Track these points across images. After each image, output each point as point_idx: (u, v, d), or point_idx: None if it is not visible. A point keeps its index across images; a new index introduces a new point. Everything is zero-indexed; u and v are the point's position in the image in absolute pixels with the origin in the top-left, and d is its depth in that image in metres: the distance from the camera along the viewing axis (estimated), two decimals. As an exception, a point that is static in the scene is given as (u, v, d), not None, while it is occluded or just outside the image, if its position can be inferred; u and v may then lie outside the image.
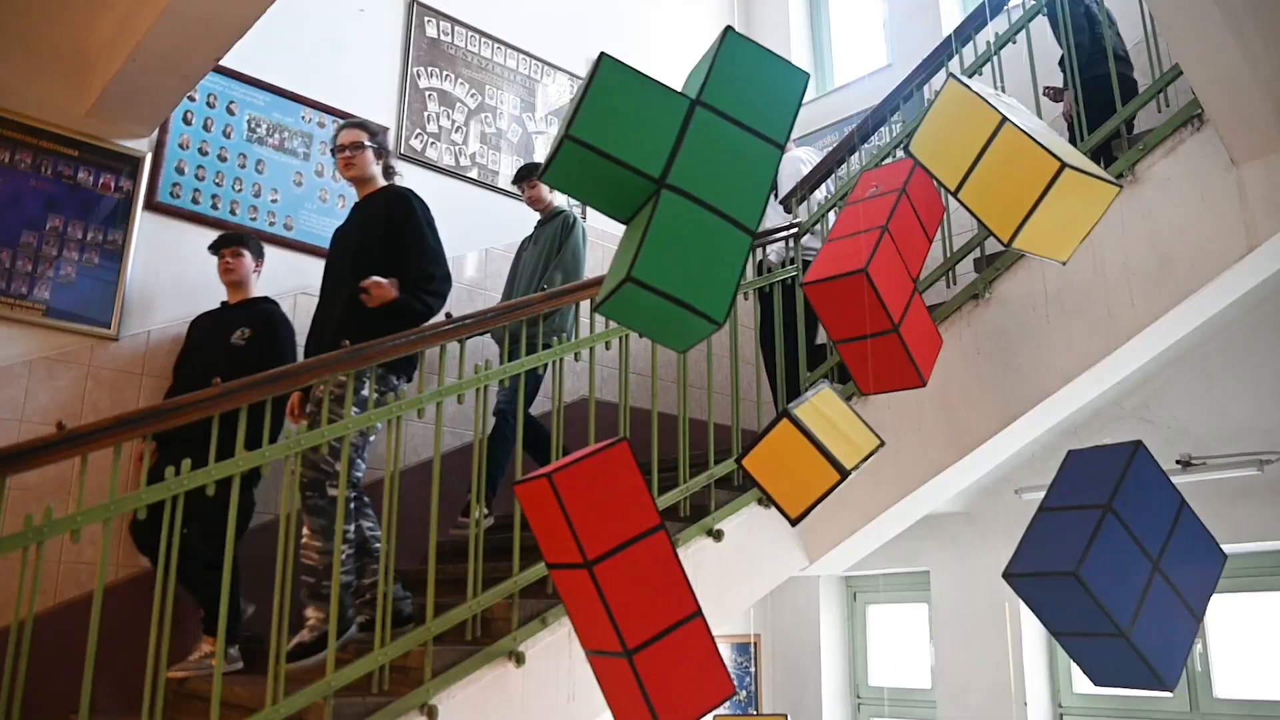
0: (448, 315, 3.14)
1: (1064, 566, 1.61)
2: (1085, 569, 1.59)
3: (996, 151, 2.12)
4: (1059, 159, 1.96)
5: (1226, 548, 4.08)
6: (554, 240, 4.36)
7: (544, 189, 4.52)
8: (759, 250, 4.17)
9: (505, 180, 5.20)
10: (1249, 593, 4.19)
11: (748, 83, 1.54)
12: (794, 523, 2.25)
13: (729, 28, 1.55)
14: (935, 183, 2.77)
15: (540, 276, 4.28)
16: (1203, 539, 1.99)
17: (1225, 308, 3.50)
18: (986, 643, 4.73)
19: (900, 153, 4.07)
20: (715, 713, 2.60)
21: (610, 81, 1.48)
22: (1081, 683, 4.57)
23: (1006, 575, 1.74)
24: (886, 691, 5.31)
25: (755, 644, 5.58)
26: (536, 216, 4.65)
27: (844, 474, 2.15)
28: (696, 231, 1.49)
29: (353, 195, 4.54)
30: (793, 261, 4.08)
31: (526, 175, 4.55)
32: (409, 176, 4.77)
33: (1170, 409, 4.31)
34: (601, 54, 1.46)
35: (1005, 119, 2.07)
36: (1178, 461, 4.07)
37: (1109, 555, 1.66)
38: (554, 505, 1.81)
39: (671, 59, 6.17)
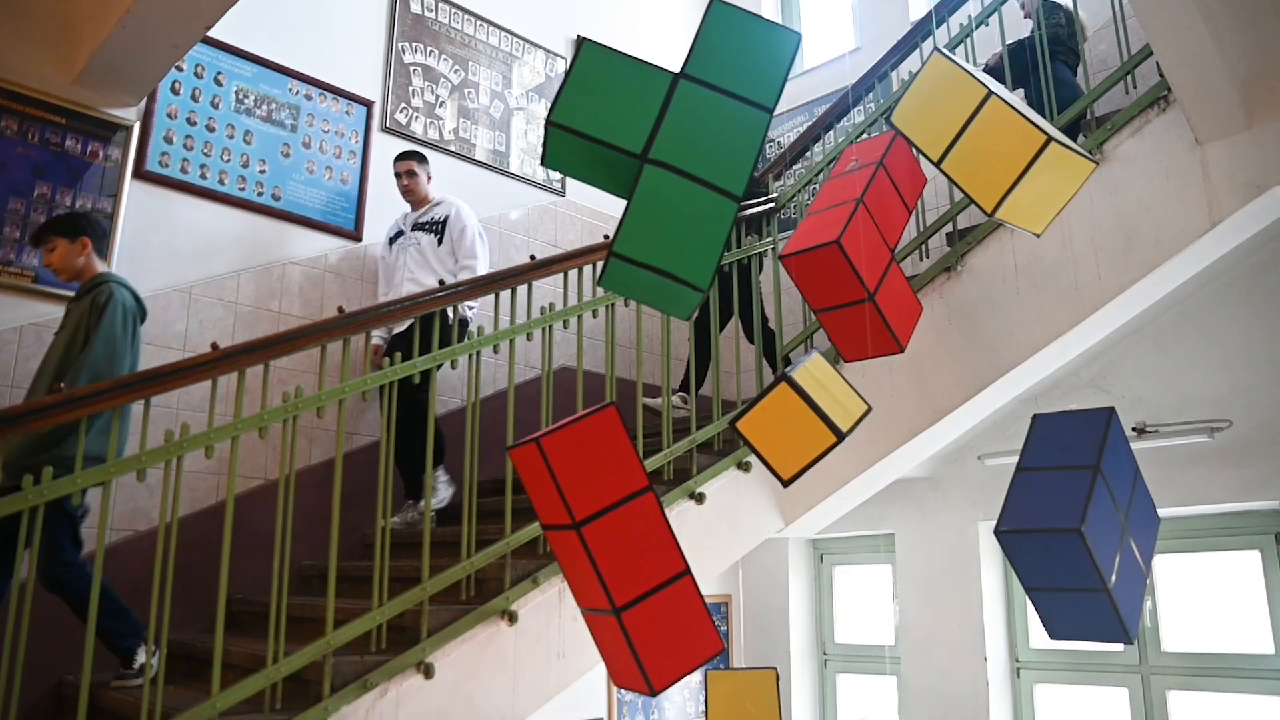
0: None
1: (1066, 523, 1.61)
2: (1086, 526, 1.60)
3: (981, 124, 2.11)
4: (1045, 133, 1.96)
5: (1178, 510, 4.19)
6: (82, 323, 3.03)
7: (70, 251, 3.18)
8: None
9: (483, 153, 5.12)
10: (1198, 552, 4.27)
11: (735, 50, 1.51)
12: (786, 484, 2.25)
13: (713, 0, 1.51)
14: (916, 153, 2.78)
15: (63, 371, 2.99)
16: (1150, 502, 2.02)
17: (1179, 283, 3.55)
18: (948, 602, 4.79)
19: (871, 132, 4.06)
20: (705, 668, 2.60)
21: (592, 64, 1.46)
22: (1037, 638, 4.66)
23: (997, 531, 1.74)
24: (852, 649, 5.38)
25: (727, 604, 5.62)
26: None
27: (840, 436, 2.15)
28: (680, 202, 1.47)
29: (339, 168, 4.47)
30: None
31: (40, 238, 3.21)
32: (393, 150, 4.71)
33: (1125, 379, 4.36)
34: (583, 39, 1.44)
35: (991, 92, 2.06)
36: (1133, 429, 4.13)
37: (1098, 514, 1.67)
38: (543, 469, 1.79)
39: (647, 38, 6.12)
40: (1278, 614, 3.95)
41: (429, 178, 4.37)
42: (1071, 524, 1.59)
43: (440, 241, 4.23)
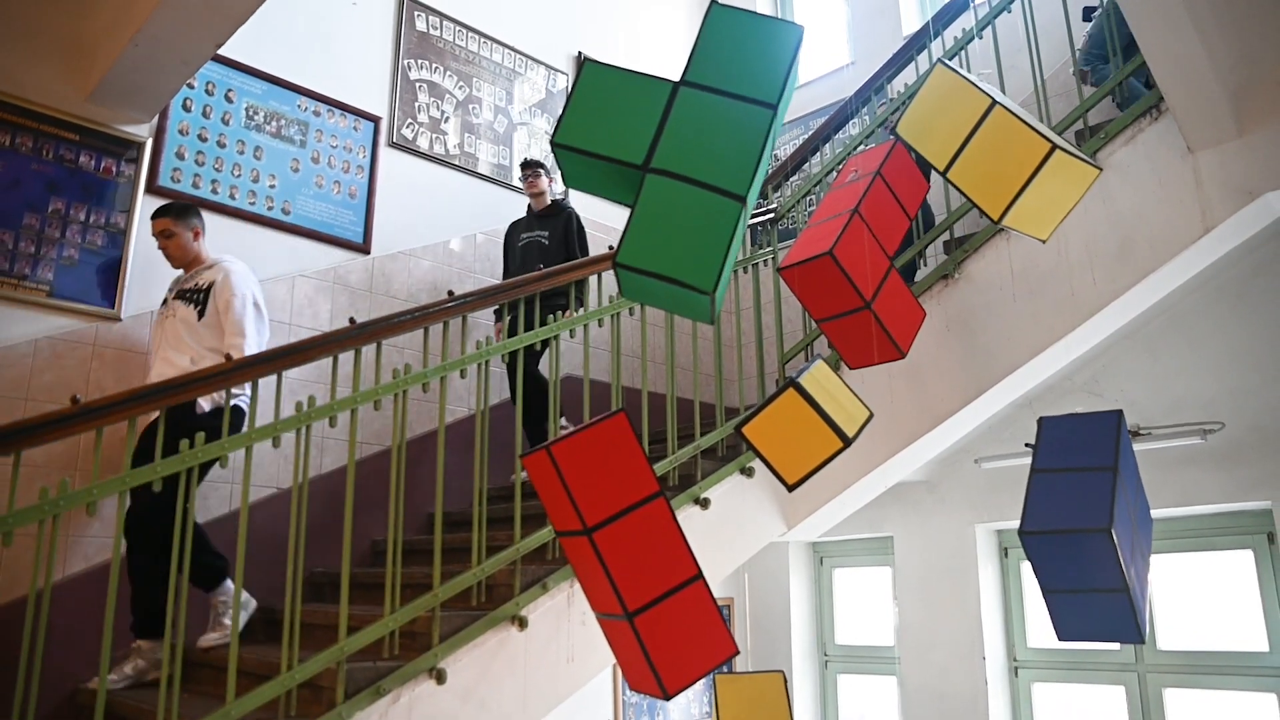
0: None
1: (1094, 523, 1.58)
2: (1114, 526, 1.57)
3: (987, 133, 2.09)
4: (1050, 140, 1.93)
5: (1172, 511, 4.15)
6: None
7: None
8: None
9: (486, 167, 5.09)
10: (1192, 552, 4.23)
11: (736, 52, 1.48)
12: (791, 489, 2.21)
13: (714, 3, 1.48)
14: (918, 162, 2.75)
15: None
16: (1146, 502, 1.99)
17: (1172, 289, 3.51)
18: (947, 603, 4.75)
19: (869, 144, 4.04)
20: (714, 672, 2.56)
21: (593, 83, 1.44)
22: (1034, 638, 4.61)
23: (1021, 532, 1.70)
24: (853, 649, 5.33)
25: (730, 607, 5.57)
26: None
27: (847, 442, 2.11)
28: (683, 207, 1.44)
29: (347, 182, 4.44)
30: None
31: None
32: (400, 165, 4.68)
33: (1118, 383, 4.33)
34: (585, 59, 1.41)
35: (996, 101, 2.04)
36: (1127, 431, 4.10)
37: (1118, 514, 1.64)
38: (555, 476, 1.76)
39: (649, 52, 6.10)
40: (1271, 612, 3.92)
41: (196, 234, 3.48)
42: (1101, 524, 1.55)
43: (201, 314, 3.33)
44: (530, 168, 4.63)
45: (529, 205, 4.71)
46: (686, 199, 1.43)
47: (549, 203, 4.63)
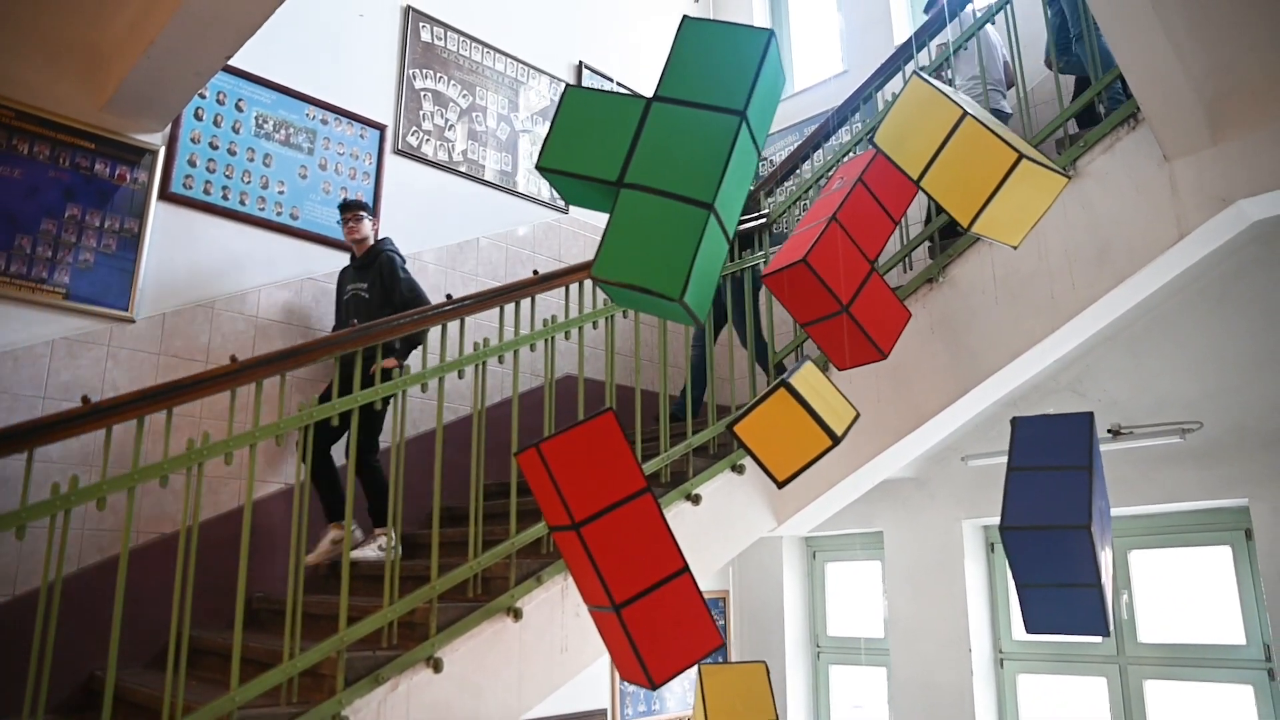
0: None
1: (1073, 520, 1.60)
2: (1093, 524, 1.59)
3: (958, 143, 2.11)
4: (1017, 150, 1.95)
5: (1153, 508, 4.16)
6: None
7: None
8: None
9: (491, 174, 5.13)
10: (1172, 548, 4.24)
11: (708, 63, 1.49)
12: (781, 485, 2.23)
13: (685, 17, 1.50)
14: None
15: None
16: (1108, 501, 2.02)
17: (1150, 292, 3.53)
18: (934, 596, 4.76)
19: (857, 151, 4.06)
20: (700, 662, 2.59)
21: (573, 108, 1.48)
22: (1019, 630, 4.63)
23: (1002, 528, 1.72)
24: (844, 641, 5.35)
25: (725, 599, 5.59)
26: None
27: (835, 440, 2.13)
28: (653, 218, 1.46)
29: (354, 188, 4.48)
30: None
31: None
32: (405, 171, 4.72)
33: (1101, 383, 4.34)
34: (567, 86, 1.45)
35: (966, 113, 2.06)
36: (1109, 430, 4.11)
37: (1094, 512, 1.66)
38: (545, 472, 1.78)
39: (648, 62, 6.12)
40: (1248, 606, 3.93)
41: None
42: (1080, 521, 1.58)
43: None
44: (350, 210, 4.06)
45: (351, 252, 4.21)
46: (656, 210, 1.45)
47: (369, 247, 4.09)
